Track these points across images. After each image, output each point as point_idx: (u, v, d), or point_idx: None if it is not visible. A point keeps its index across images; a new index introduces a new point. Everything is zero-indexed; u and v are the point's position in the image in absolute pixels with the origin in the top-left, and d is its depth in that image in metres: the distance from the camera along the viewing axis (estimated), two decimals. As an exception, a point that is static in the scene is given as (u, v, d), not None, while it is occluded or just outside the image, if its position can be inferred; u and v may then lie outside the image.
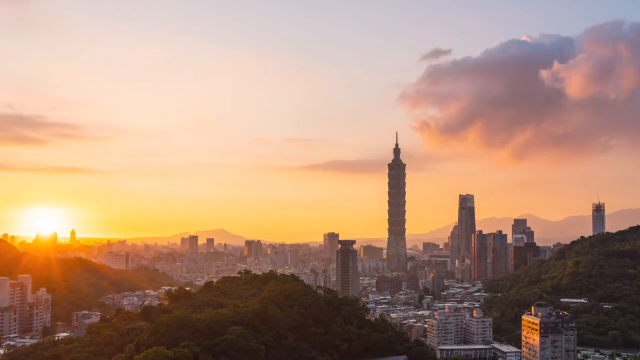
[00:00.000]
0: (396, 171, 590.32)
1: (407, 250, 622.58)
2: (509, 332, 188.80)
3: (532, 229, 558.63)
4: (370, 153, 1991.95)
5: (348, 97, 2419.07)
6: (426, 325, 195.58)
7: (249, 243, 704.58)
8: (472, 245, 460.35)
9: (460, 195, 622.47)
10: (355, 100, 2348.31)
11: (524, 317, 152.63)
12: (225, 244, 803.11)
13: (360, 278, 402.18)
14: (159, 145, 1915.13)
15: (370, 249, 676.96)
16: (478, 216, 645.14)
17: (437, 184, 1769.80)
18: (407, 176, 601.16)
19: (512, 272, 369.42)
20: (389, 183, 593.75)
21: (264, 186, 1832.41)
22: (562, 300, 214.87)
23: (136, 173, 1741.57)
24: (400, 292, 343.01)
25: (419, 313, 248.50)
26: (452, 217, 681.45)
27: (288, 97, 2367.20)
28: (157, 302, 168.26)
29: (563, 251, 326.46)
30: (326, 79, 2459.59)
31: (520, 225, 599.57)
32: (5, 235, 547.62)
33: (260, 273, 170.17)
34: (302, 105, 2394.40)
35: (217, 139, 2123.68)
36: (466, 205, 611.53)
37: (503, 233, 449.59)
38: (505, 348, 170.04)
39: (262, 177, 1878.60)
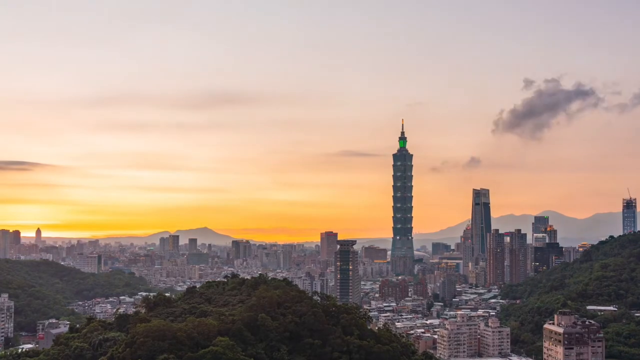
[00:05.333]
0: (402, 162, 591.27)
1: (415, 252, 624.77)
2: (529, 343, 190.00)
3: (554, 227, 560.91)
4: (374, 140, 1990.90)
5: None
6: (436, 336, 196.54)
7: (236, 243, 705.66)
8: (488, 245, 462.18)
9: (474, 189, 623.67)
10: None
11: (545, 326, 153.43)
12: (209, 245, 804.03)
13: (362, 283, 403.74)
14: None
15: (372, 250, 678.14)
16: (494, 213, 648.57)
17: (448, 176, 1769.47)
18: (414, 168, 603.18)
19: (532, 276, 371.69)
20: (393, 176, 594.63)
21: (253, 180, 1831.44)
22: (589, 307, 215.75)
23: (108, 166, 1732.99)
24: (407, 298, 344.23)
25: (428, 322, 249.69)
26: (465, 215, 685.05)
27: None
28: (133, 309, 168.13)
29: (589, 252, 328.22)
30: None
31: (541, 223, 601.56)
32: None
33: (249, 277, 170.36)
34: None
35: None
36: (481, 200, 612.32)
37: (522, 232, 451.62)
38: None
39: (251, 170, 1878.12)
